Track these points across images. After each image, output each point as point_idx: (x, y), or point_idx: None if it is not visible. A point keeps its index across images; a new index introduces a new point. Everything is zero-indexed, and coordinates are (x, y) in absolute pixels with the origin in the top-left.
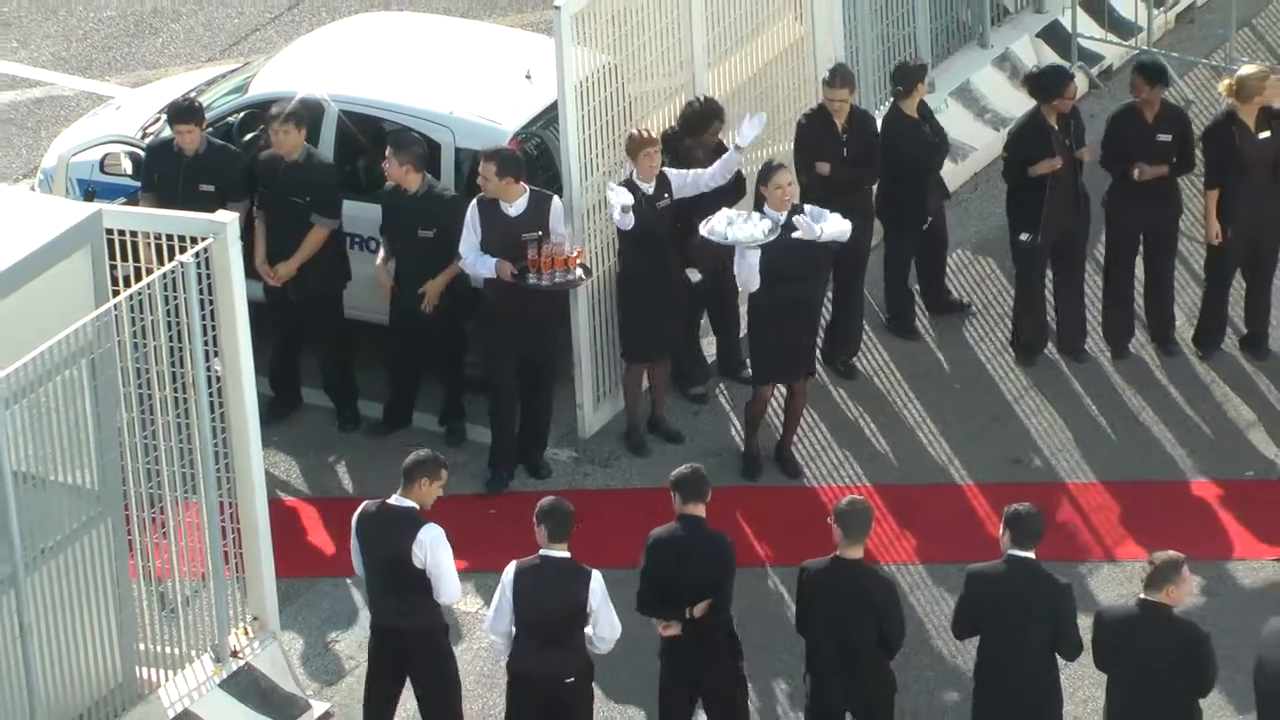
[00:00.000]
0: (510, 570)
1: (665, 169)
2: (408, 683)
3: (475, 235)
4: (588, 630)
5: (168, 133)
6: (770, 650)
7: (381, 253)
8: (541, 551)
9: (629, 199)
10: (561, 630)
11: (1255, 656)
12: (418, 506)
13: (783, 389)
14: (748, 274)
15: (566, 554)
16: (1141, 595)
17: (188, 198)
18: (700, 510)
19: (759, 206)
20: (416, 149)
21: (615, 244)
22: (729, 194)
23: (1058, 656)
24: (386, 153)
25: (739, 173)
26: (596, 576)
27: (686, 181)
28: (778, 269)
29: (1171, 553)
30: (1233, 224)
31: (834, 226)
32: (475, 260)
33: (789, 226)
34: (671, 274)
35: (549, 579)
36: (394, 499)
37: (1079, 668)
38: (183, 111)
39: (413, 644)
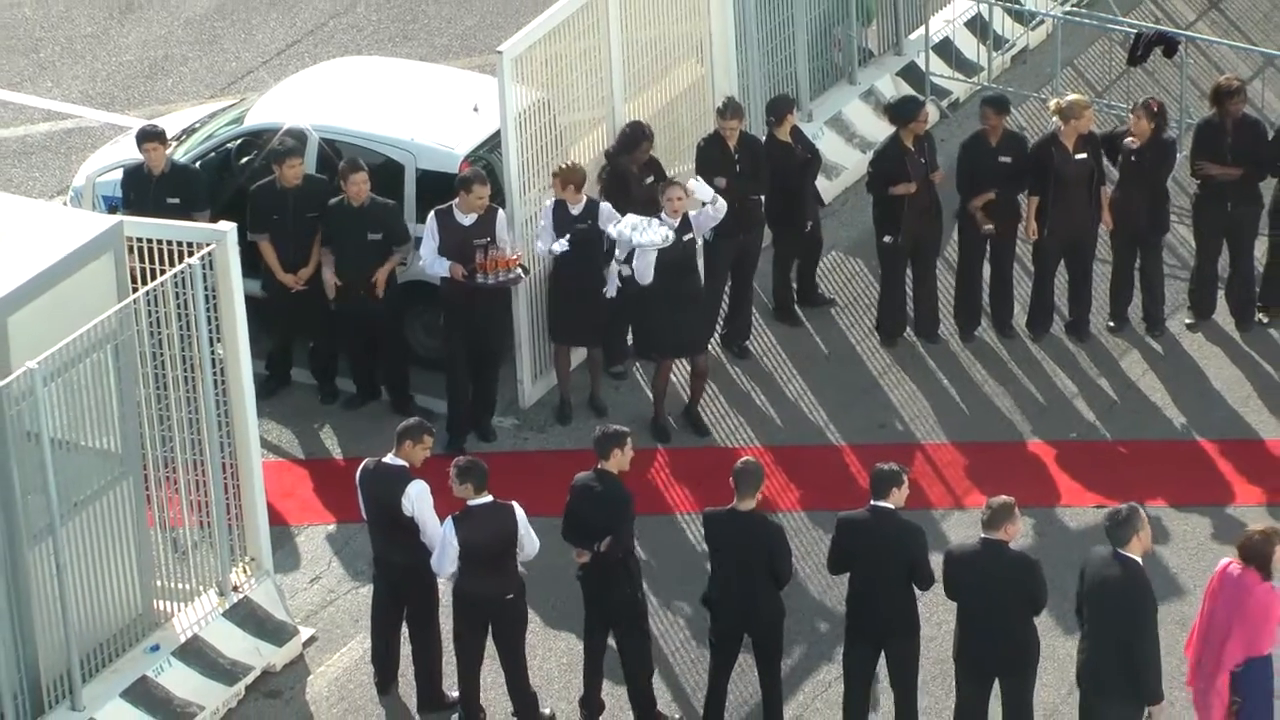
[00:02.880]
0: (448, 522)
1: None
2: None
3: (434, 241)
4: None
5: (140, 157)
6: (679, 582)
7: (325, 259)
8: (469, 502)
9: (564, 246)
10: (499, 558)
11: (1080, 572)
12: (407, 464)
13: (685, 365)
14: (644, 270)
15: (490, 498)
16: (982, 535)
17: (157, 210)
18: (611, 465)
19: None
20: (366, 170)
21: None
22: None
23: (915, 588)
24: (349, 172)
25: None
26: (518, 508)
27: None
28: (667, 265)
29: (1004, 497)
30: (1050, 228)
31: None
32: (433, 262)
33: (681, 231)
34: (596, 277)
35: (483, 520)
36: (388, 458)
37: (933, 597)
38: (149, 134)
39: (403, 575)
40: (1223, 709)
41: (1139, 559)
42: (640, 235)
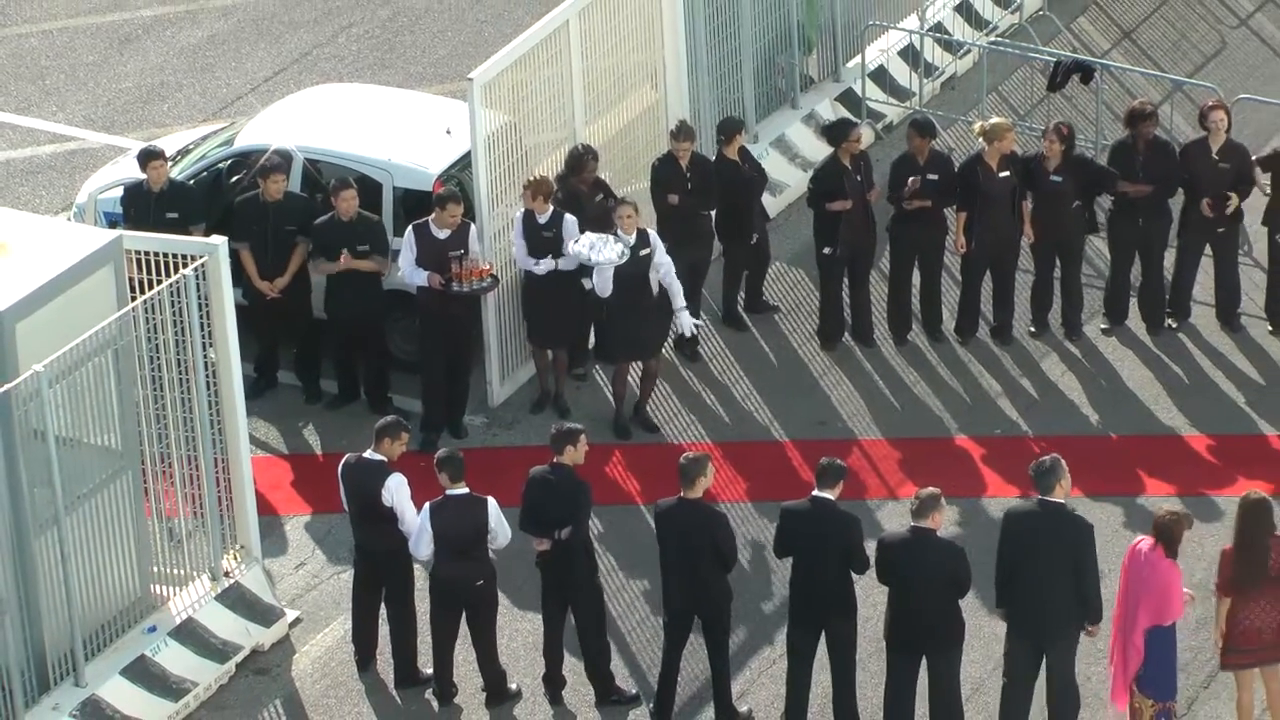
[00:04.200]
0: (426, 508)
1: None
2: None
3: (411, 253)
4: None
5: (139, 176)
6: (634, 567)
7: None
8: (447, 492)
9: (550, 266)
10: (471, 546)
11: (1003, 533)
12: (386, 459)
13: (638, 367)
14: (603, 284)
15: (466, 490)
16: (912, 523)
17: (157, 224)
18: (566, 458)
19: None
20: (355, 187)
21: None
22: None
23: (851, 572)
24: (339, 190)
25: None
26: (492, 502)
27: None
28: (624, 277)
29: (931, 488)
30: (976, 240)
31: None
32: (411, 272)
33: (638, 247)
34: (569, 284)
35: (457, 510)
36: (368, 453)
37: (868, 580)
38: (151, 153)
39: (383, 561)
40: (1138, 661)
41: (1064, 502)
42: (596, 254)
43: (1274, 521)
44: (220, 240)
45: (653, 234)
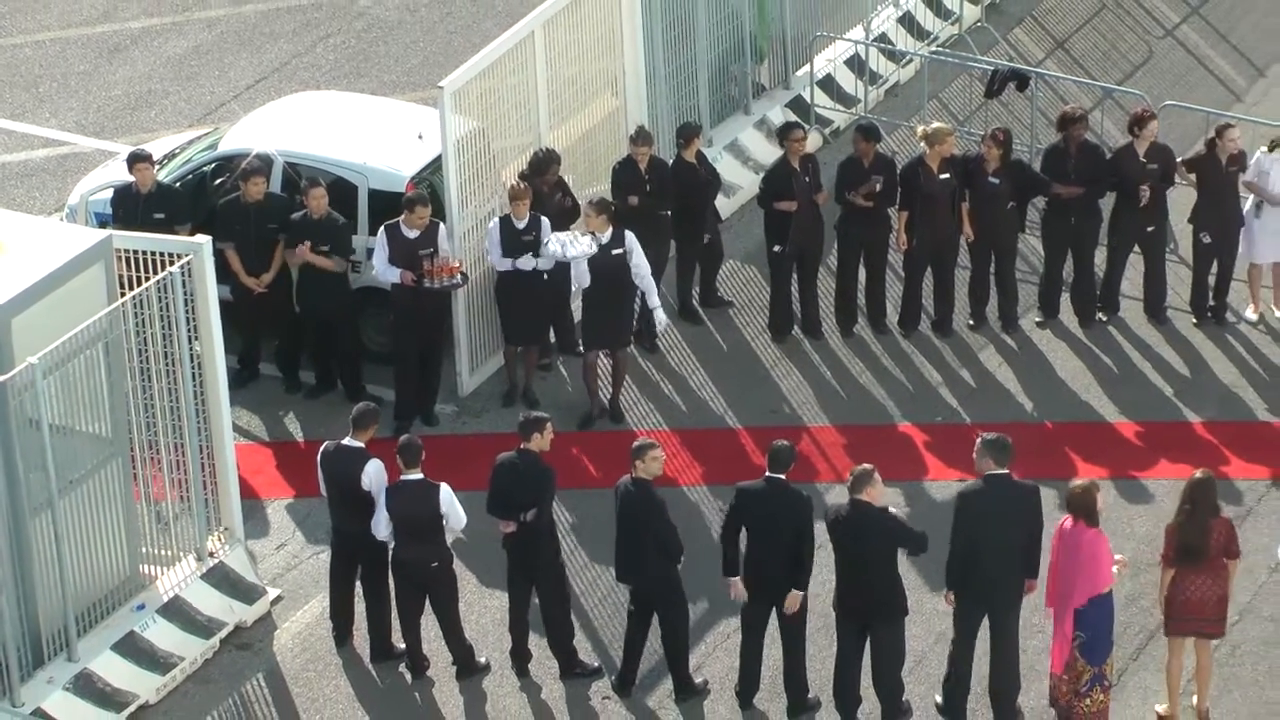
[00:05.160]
0: (382, 492)
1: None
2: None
3: (384, 252)
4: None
5: (128, 178)
6: (597, 547)
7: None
8: (402, 477)
9: (532, 263)
10: (425, 530)
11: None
12: (364, 446)
13: (608, 362)
14: (580, 275)
15: (420, 475)
16: (850, 497)
17: (145, 224)
18: (533, 445)
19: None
20: (323, 186)
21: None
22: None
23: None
24: (310, 189)
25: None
26: (445, 488)
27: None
28: (597, 272)
29: (865, 465)
30: (918, 238)
31: (580, 248)
32: (384, 270)
33: (612, 245)
34: (536, 284)
35: (410, 495)
36: (346, 440)
37: (819, 558)
38: (139, 156)
39: (357, 542)
40: (1066, 645)
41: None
42: (568, 251)
43: (1217, 500)
44: (204, 240)
45: (630, 235)
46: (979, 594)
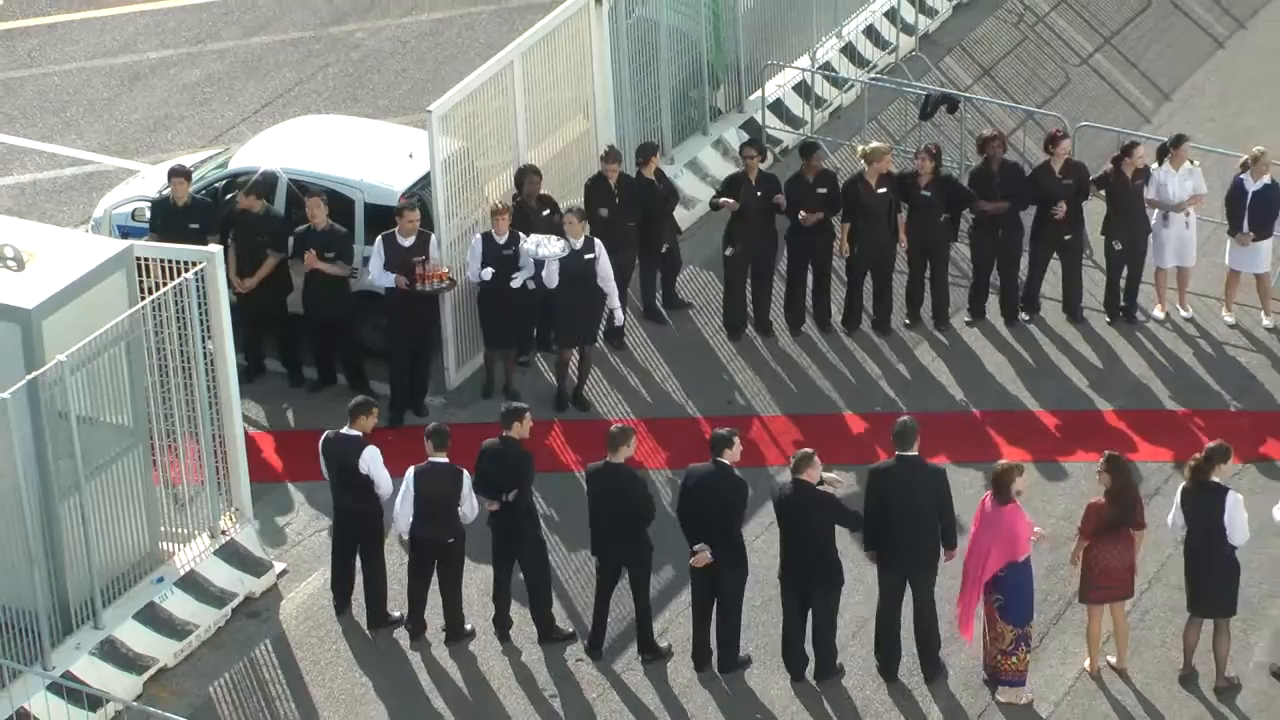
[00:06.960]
0: (410, 471)
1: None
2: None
3: (380, 258)
4: (460, 508)
5: (167, 191)
6: (574, 524)
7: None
8: (430, 459)
9: (490, 274)
10: (445, 508)
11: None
12: (361, 434)
13: (577, 356)
14: (550, 276)
15: (446, 459)
16: (792, 478)
17: (181, 234)
18: (514, 432)
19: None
20: (327, 202)
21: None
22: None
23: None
24: (307, 199)
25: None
26: (467, 474)
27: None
28: (569, 274)
29: (805, 449)
30: (859, 246)
31: (553, 249)
32: (380, 275)
33: (584, 250)
34: (514, 295)
35: (437, 476)
36: (344, 429)
37: (771, 534)
38: (177, 171)
39: (357, 520)
40: (970, 610)
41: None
42: (542, 250)
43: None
44: (217, 249)
45: (598, 243)
46: (894, 562)
